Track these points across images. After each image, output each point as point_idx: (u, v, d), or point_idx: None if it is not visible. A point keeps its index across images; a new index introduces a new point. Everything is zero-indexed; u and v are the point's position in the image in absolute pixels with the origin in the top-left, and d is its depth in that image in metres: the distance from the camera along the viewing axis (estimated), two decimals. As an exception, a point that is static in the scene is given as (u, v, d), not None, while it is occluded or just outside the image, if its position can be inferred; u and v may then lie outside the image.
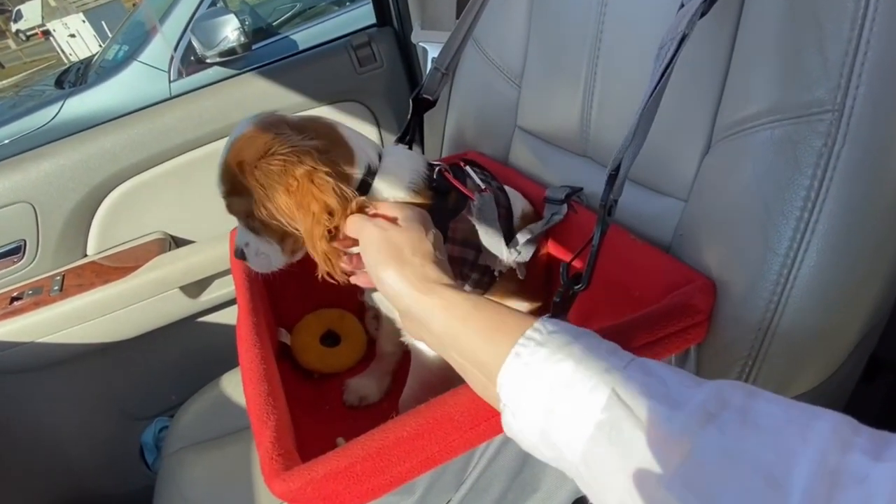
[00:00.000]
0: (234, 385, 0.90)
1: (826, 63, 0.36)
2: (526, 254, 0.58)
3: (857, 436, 0.23)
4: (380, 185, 0.51)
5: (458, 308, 0.36)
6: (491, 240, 0.56)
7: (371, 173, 0.51)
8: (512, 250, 0.57)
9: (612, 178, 0.40)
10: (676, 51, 0.38)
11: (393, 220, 0.42)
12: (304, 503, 0.37)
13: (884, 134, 0.36)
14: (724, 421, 0.25)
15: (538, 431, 0.31)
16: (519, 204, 0.63)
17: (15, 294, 0.93)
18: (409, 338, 0.56)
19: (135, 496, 1.06)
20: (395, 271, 0.39)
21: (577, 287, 0.41)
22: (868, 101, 0.35)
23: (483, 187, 0.57)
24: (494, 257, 0.56)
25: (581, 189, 0.63)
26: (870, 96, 0.35)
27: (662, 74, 0.38)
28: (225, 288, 1.00)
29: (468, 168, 0.59)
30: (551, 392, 0.29)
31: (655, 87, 0.38)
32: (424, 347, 0.54)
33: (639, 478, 0.26)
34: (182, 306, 0.97)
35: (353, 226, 0.44)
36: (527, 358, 0.31)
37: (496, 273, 0.57)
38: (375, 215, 0.45)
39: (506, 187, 0.63)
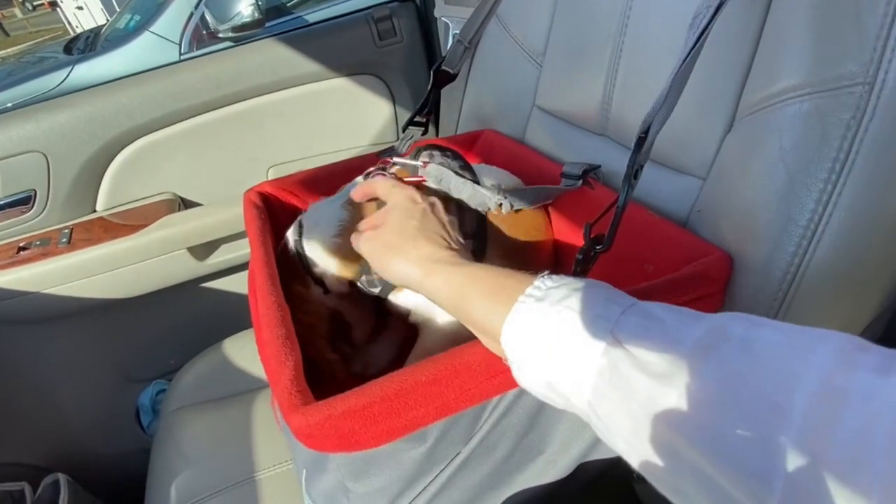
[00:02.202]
0: (236, 349, 0.90)
1: (861, 36, 0.37)
2: (517, 203, 0.57)
3: (864, 353, 0.22)
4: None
5: (457, 283, 0.37)
6: (466, 192, 0.54)
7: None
8: (493, 187, 0.56)
9: (641, 140, 0.40)
10: (713, 16, 0.38)
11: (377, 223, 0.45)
12: (321, 439, 0.37)
13: (913, 108, 0.36)
14: (724, 352, 0.25)
15: (545, 383, 0.31)
16: (495, 177, 0.61)
17: (22, 244, 0.92)
18: (416, 316, 0.56)
19: (128, 457, 1.06)
20: (392, 266, 0.42)
21: (598, 248, 0.41)
22: (900, 74, 0.36)
23: (422, 163, 0.56)
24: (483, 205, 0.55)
25: (599, 166, 0.63)
26: (902, 70, 0.36)
27: (698, 39, 0.39)
28: (232, 252, 1.00)
29: (394, 159, 0.59)
30: (551, 343, 0.30)
31: (690, 52, 0.39)
32: (431, 328, 0.55)
33: (642, 418, 0.26)
34: (188, 268, 0.96)
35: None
36: (526, 314, 0.31)
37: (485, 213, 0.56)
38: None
39: (485, 166, 0.62)
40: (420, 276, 0.39)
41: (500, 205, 0.55)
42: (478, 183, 0.57)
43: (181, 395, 0.85)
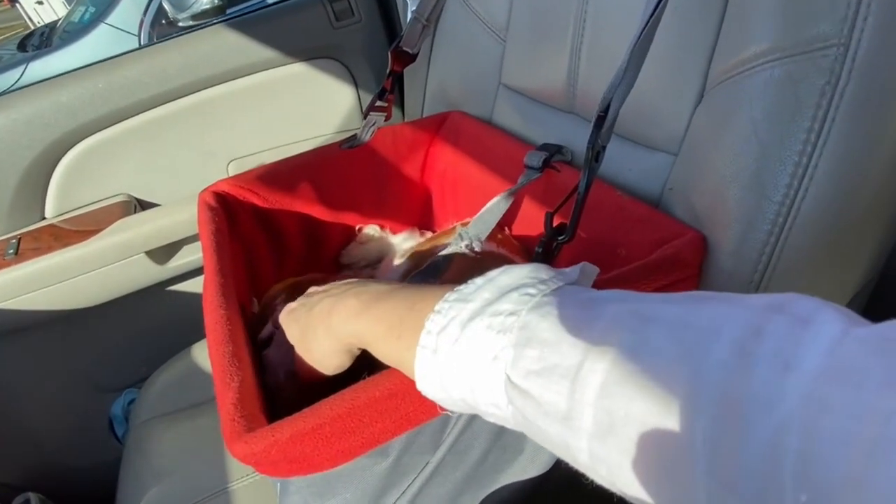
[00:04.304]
0: (205, 355, 0.87)
1: (834, -7, 0.34)
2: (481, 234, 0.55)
3: (760, 342, 0.20)
4: None
5: (366, 338, 0.35)
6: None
7: None
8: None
9: (601, 119, 0.37)
10: (673, -21, 0.35)
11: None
12: (269, 466, 0.34)
13: (891, 69, 0.33)
14: (611, 383, 0.22)
15: (472, 411, 0.30)
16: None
17: (-35, 258, 0.87)
18: None
19: (104, 469, 1.03)
20: (325, 363, 0.39)
21: (560, 238, 0.39)
22: (876, 33, 0.33)
23: None
24: None
25: (560, 147, 0.60)
26: (877, 28, 0.33)
27: (654, 10, 0.35)
28: (195, 254, 0.95)
29: None
30: (461, 394, 0.28)
31: (647, 23, 0.36)
32: None
33: (568, 457, 0.25)
34: (149, 273, 0.92)
35: None
36: (427, 368, 0.29)
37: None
38: None
39: None
40: (343, 351, 0.37)
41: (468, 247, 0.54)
42: None
43: (150, 406, 0.82)
